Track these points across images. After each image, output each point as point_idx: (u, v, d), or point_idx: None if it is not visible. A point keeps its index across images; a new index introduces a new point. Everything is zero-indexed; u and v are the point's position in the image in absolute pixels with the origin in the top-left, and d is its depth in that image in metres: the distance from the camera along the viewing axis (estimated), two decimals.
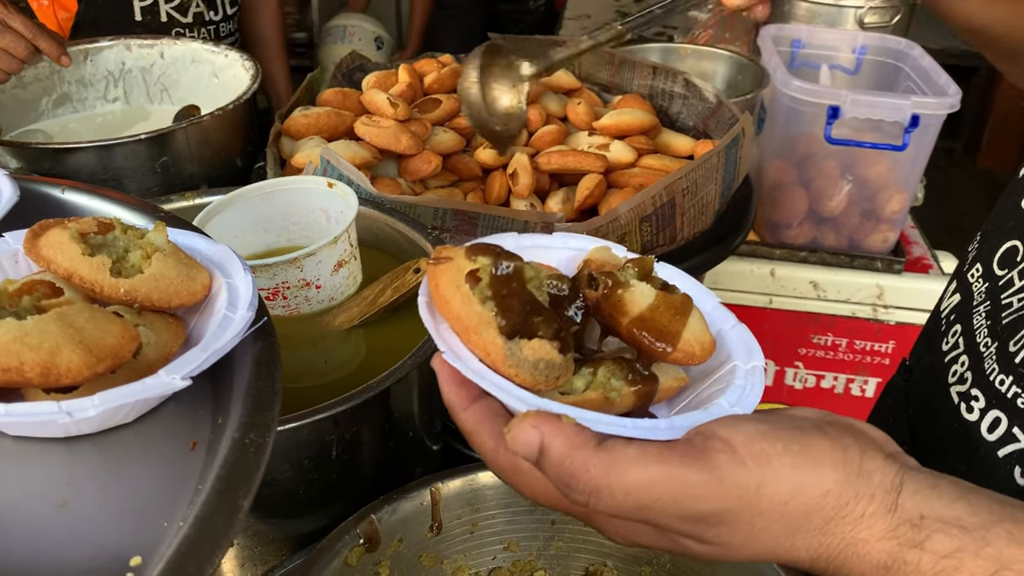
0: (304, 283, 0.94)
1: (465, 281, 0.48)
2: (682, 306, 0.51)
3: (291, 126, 1.43)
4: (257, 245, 1.04)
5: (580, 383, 0.49)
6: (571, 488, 0.43)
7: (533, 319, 0.47)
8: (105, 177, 1.26)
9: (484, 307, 0.47)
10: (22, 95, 1.49)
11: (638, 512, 0.44)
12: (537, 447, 0.43)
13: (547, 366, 0.46)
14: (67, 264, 0.52)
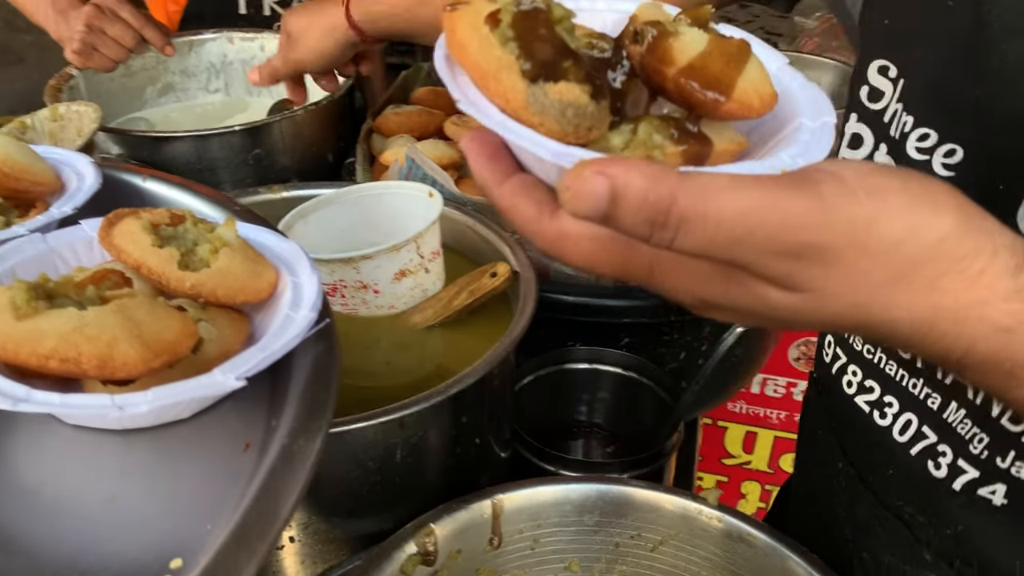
0: (361, 285, 0.93)
1: (484, 23, 0.42)
2: (738, 52, 0.43)
3: (382, 123, 1.44)
4: (360, 244, 1.03)
5: (618, 141, 0.42)
6: (655, 223, 0.36)
7: (561, 62, 0.40)
8: (200, 167, 1.28)
9: (504, 49, 0.41)
10: (129, 84, 1.54)
11: (729, 247, 0.37)
12: (607, 194, 0.36)
13: (576, 113, 0.40)
14: (137, 254, 0.52)
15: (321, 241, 1.02)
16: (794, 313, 0.40)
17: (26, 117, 1.22)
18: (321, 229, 1.02)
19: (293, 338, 0.48)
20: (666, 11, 0.47)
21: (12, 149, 0.62)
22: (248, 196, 1.08)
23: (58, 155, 0.67)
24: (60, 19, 1.40)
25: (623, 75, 0.44)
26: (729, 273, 0.40)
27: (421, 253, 0.93)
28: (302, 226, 1.00)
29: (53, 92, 1.35)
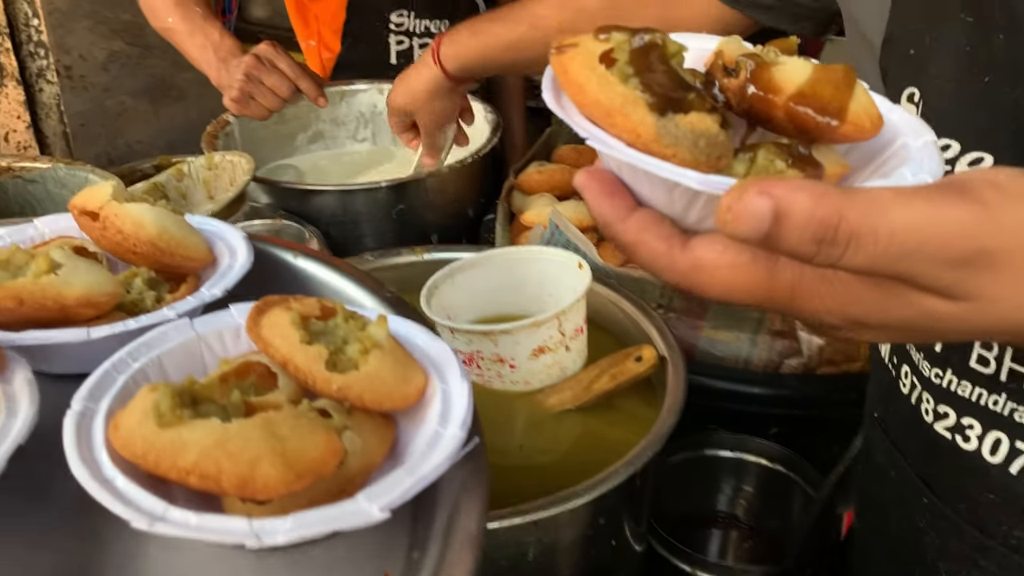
0: (497, 358, 0.89)
1: (600, 62, 0.42)
2: (845, 76, 0.43)
3: (524, 181, 1.41)
4: (506, 307, 1.00)
5: (740, 168, 0.42)
6: (823, 242, 0.35)
7: (685, 94, 0.41)
8: (344, 219, 1.29)
9: (627, 86, 0.41)
10: (281, 130, 1.58)
11: (898, 260, 0.36)
12: (770, 213, 0.35)
13: (708, 143, 0.40)
14: (284, 350, 0.49)
15: (467, 302, 0.99)
16: (957, 322, 0.39)
17: (183, 164, 1.26)
18: (467, 290, 0.99)
19: (442, 462, 0.44)
20: (747, 46, 0.47)
21: (169, 223, 0.61)
22: (391, 258, 1.06)
23: (212, 227, 0.66)
24: (221, 67, 1.45)
25: (721, 106, 0.44)
26: (887, 288, 0.39)
27: (563, 330, 0.89)
28: (449, 286, 0.98)
29: (210, 139, 1.39)
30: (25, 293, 0.52)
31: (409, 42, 1.76)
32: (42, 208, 1.06)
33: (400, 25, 1.72)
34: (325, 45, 1.76)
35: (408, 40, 1.75)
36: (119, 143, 2.39)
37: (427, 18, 1.73)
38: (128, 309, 0.58)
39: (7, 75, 2.14)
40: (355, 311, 0.54)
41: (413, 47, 1.77)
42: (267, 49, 1.41)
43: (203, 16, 1.42)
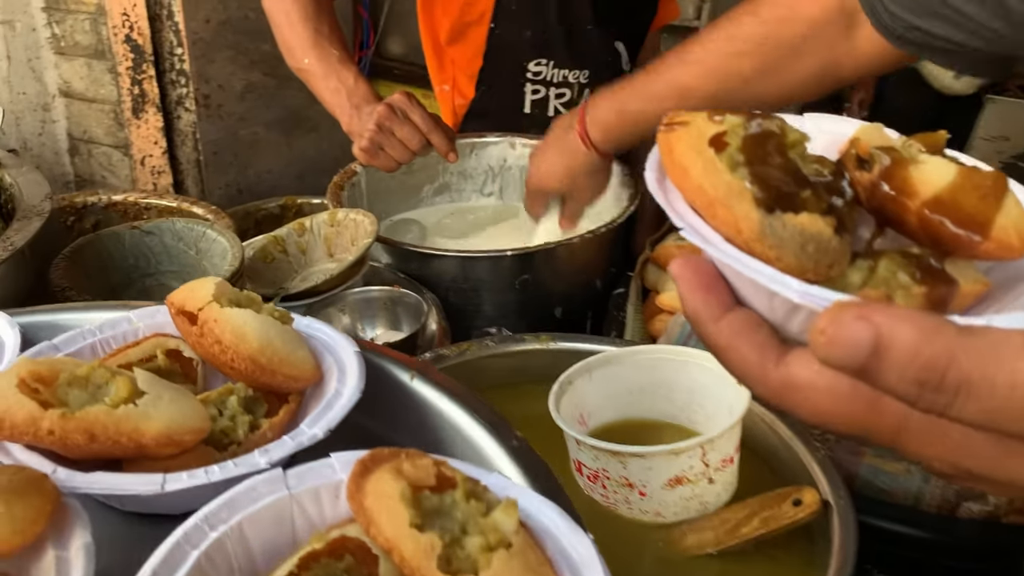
0: (626, 483, 0.78)
1: (709, 145, 0.38)
2: (994, 185, 0.38)
3: (661, 255, 1.30)
4: (648, 412, 0.89)
5: (856, 278, 0.38)
6: (927, 387, 0.31)
7: (799, 191, 0.37)
8: (465, 286, 1.20)
9: (734, 175, 0.37)
10: (408, 181, 1.51)
11: (1018, 420, 0.31)
12: (869, 343, 0.31)
13: (817, 248, 0.36)
14: (390, 533, 0.40)
15: (605, 402, 0.88)
16: None
17: (306, 220, 1.20)
18: (606, 389, 0.88)
19: None
20: (888, 135, 0.42)
21: (273, 334, 0.53)
22: (513, 344, 0.97)
23: (323, 336, 0.58)
24: (354, 113, 1.39)
25: (846, 203, 0.39)
26: (1009, 445, 0.34)
27: (707, 460, 0.76)
28: (584, 382, 0.87)
29: (335, 190, 1.33)
30: (98, 427, 0.44)
31: (545, 92, 1.67)
32: (156, 261, 1.01)
33: (538, 74, 1.64)
34: (459, 90, 1.70)
35: (544, 90, 1.67)
36: (249, 172, 2.41)
37: (567, 68, 1.64)
38: (216, 439, 0.50)
39: (148, 102, 2.18)
40: (477, 481, 0.43)
41: (549, 97, 1.68)
42: (401, 99, 1.35)
43: (339, 59, 1.37)
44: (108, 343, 0.57)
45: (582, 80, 1.66)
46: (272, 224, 1.68)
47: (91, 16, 2.17)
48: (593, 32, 1.61)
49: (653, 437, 0.88)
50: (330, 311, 1.06)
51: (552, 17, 1.58)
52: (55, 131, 2.36)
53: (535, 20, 1.57)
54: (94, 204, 1.35)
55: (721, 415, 0.82)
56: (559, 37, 1.60)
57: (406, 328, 1.08)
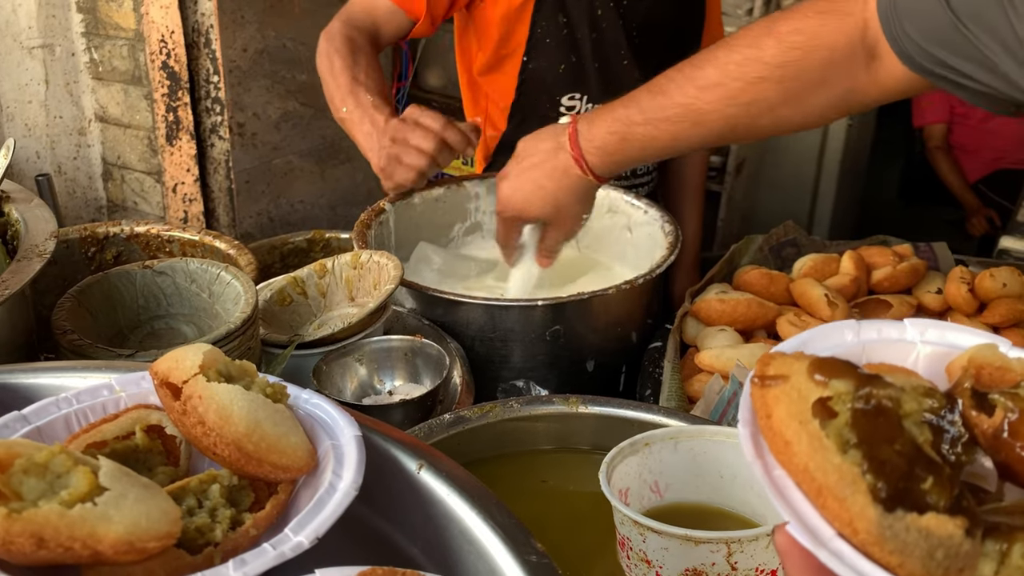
0: (643, 558, 0.71)
1: (814, 416, 0.34)
2: None
3: (702, 309, 1.22)
4: (700, 489, 0.82)
5: (987, 570, 0.32)
6: None
7: (922, 479, 0.33)
8: (493, 335, 1.14)
9: (845, 457, 0.33)
10: (438, 220, 1.46)
11: None
12: None
13: (947, 554, 0.31)
14: None
15: (688, 478, 0.82)
16: None
17: (328, 261, 1.15)
18: (692, 464, 0.81)
19: None
20: (1003, 354, 0.38)
21: (262, 415, 0.47)
22: (541, 406, 0.90)
23: (322, 415, 0.51)
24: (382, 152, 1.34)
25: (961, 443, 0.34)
26: None
27: (734, 563, 0.68)
28: (670, 451, 0.80)
29: (362, 229, 1.28)
30: (49, 530, 0.38)
31: None
32: (167, 302, 0.96)
33: (572, 108, 1.59)
34: (491, 123, 1.65)
35: None
36: (282, 201, 2.38)
37: (601, 103, 1.58)
38: (191, 537, 0.44)
39: (182, 129, 2.16)
40: None
41: None
42: (412, 110, 1.29)
43: (374, 104, 1.33)
44: (85, 414, 0.51)
45: None
46: (298, 258, 1.63)
47: (129, 42, 2.16)
48: (630, 66, 1.55)
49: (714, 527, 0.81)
50: (347, 360, 1.00)
51: (586, 51, 1.52)
52: (90, 156, 2.35)
53: (569, 53, 1.52)
54: (116, 235, 1.31)
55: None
56: (593, 71, 1.54)
57: (427, 381, 1.02)
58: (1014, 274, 1.23)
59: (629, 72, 1.57)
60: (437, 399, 0.99)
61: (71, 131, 2.29)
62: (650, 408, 0.89)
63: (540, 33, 1.50)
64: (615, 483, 0.77)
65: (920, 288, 1.29)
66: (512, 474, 0.89)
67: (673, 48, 1.64)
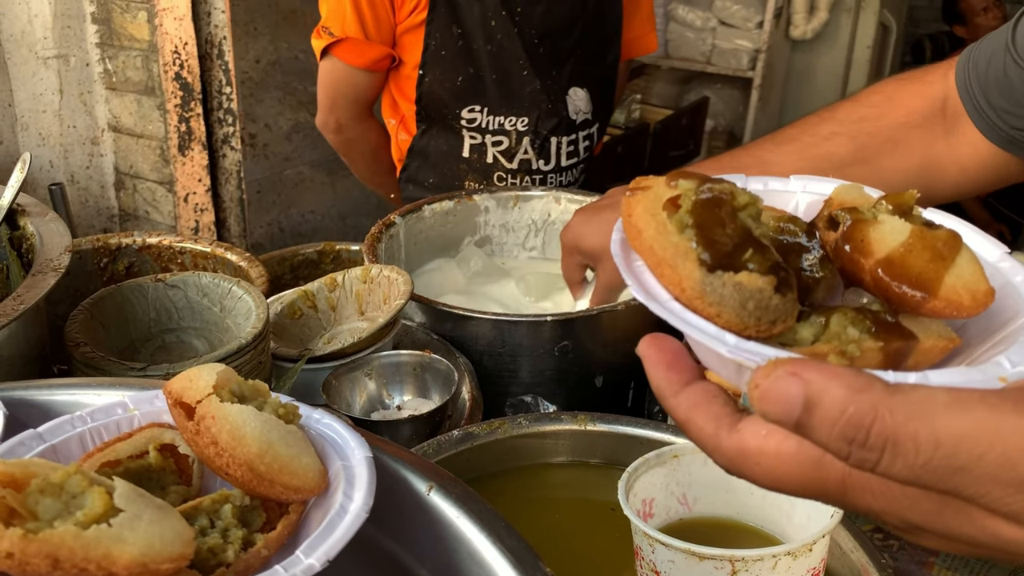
0: (653, 570, 0.71)
1: (663, 208, 0.41)
2: (945, 245, 0.40)
3: None
4: (763, 518, 0.82)
5: (807, 333, 0.39)
6: (854, 441, 0.32)
7: (743, 251, 0.39)
8: (502, 350, 1.14)
9: (682, 236, 0.39)
10: (448, 233, 1.47)
11: (949, 477, 0.32)
12: (801, 399, 0.32)
13: (758, 305, 0.38)
14: None
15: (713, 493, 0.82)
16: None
17: (338, 275, 1.16)
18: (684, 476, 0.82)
19: None
20: (867, 194, 0.44)
21: (275, 436, 0.47)
22: (549, 424, 0.90)
23: (334, 435, 0.52)
24: None
25: (817, 261, 0.42)
26: (946, 501, 0.34)
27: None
28: (700, 463, 0.81)
29: (372, 242, 1.28)
30: (64, 551, 0.38)
31: (482, 138, 1.63)
32: (179, 316, 0.97)
33: (472, 121, 1.60)
34: (405, 127, 1.67)
35: (481, 136, 1.62)
36: (292, 212, 2.39)
37: (501, 115, 1.60)
38: (203, 559, 0.44)
39: (195, 139, 2.18)
40: None
41: (486, 144, 1.64)
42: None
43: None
44: (99, 433, 0.52)
45: (520, 127, 1.62)
46: (309, 269, 1.64)
47: (143, 53, 2.18)
48: (530, 76, 1.56)
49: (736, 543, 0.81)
50: (356, 375, 1.01)
51: (484, 62, 1.54)
52: (102, 165, 2.37)
53: (466, 66, 1.54)
54: (128, 246, 1.32)
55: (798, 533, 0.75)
56: (491, 82, 1.55)
57: (436, 397, 1.02)
58: None
59: (529, 82, 1.57)
60: (446, 415, 1.00)
61: (84, 140, 2.31)
62: (659, 426, 0.89)
63: (435, 46, 1.52)
64: (638, 493, 0.78)
65: None
66: (523, 487, 0.89)
67: (585, 54, 1.65)
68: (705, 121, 3.41)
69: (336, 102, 1.64)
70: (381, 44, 1.56)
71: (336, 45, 1.55)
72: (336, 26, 1.55)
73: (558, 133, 1.64)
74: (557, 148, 1.67)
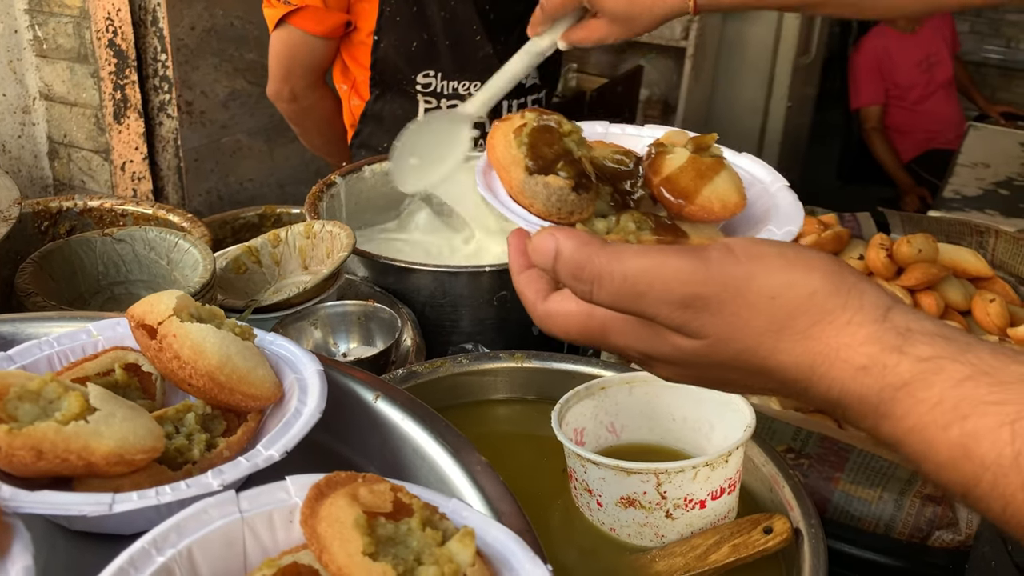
0: (586, 488, 0.79)
1: (514, 135, 0.55)
2: (707, 168, 0.55)
3: None
4: (686, 443, 0.88)
5: (601, 226, 0.54)
6: (577, 278, 0.46)
7: (557, 163, 0.53)
8: (443, 302, 1.19)
9: (519, 150, 0.54)
10: (390, 193, 1.50)
11: (634, 301, 0.45)
12: (553, 251, 0.46)
13: (559, 199, 0.52)
14: (342, 561, 0.39)
15: (641, 421, 0.89)
16: (701, 358, 0.47)
17: (281, 231, 1.19)
18: (646, 407, 0.88)
19: None
20: (687, 136, 0.58)
21: (233, 351, 0.52)
22: (487, 362, 0.96)
23: (286, 353, 0.57)
24: None
25: (639, 183, 0.57)
26: (649, 326, 0.48)
27: (663, 492, 0.75)
28: (625, 394, 0.87)
29: (313, 201, 1.32)
30: (47, 444, 0.43)
31: (437, 103, 1.67)
32: (127, 269, 1.00)
33: (427, 86, 1.64)
34: (357, 92, 1.69)
35: (436, 101, 1.66)
36: (231, 180, 2.39)
37: (455, 80, 1.64)
38: (171, 456, 0.49)
39: (130, 107, 2.16)
40: (435, 509, 0.42)
41: (441, 108, 1.68)
42: None
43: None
44: (65, 355, 0.55)
45: (473, 92, 1.66)
46: (250, 233, 1.66)
47: (74, 20, 2.15)
48: (482, 41, 1.60)
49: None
50: (302, 325, 1.05)
51: (438, 28, 1.57)
52: (35, 134, 2.33)
53: (421, 31, 1.57)
54: (69, 209, 1.33)
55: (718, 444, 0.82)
56: (445, 48, 1.59)
57: (380, 343, 1.07)
58: (928, 240, 1.32)
59: (482, 47, 1.62)
60: (390, 359, 1.04)
61: (15, 109, 2.27)
62: (589, 361, 0.95)
63: (389, 12, 1.55)
64: (569, 423, 0.84)
65: (844, 254, 1.37)
66: (465, 423, 0.94)
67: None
68: (640, 89, 3.48)
69: (292, 71, 1.64)
70: (339, 11, 1.57)
71: (294, 14, 1.56)
72: None
73: (509, 97, 1.68)
74: (508, 112, 1.72)
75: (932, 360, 0.41)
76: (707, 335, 0.45)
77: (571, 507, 0.83)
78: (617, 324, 0.49)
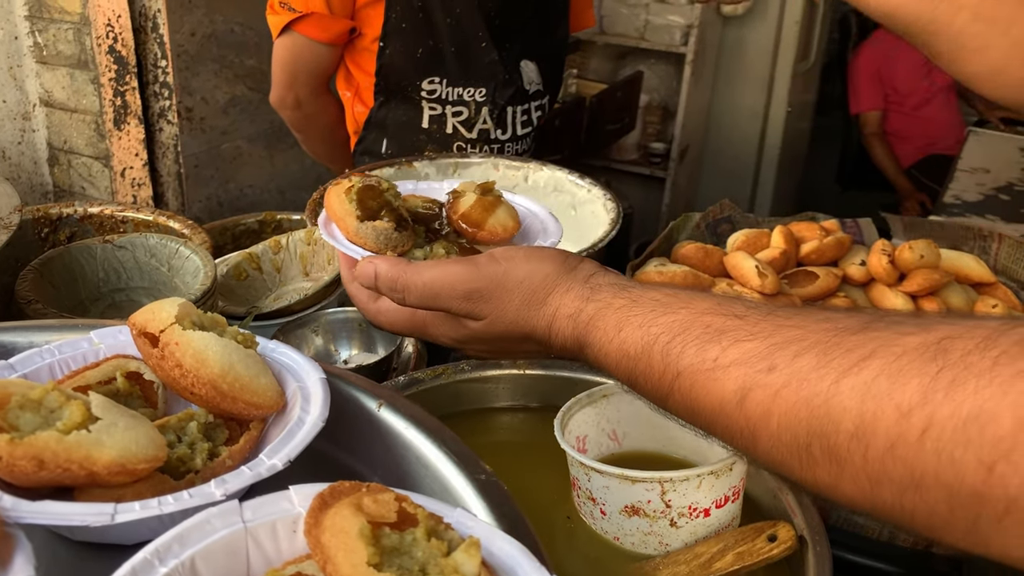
0: (589, 496, 0.78)
1: (343, 192, 0.69)
2: (490, 204, 0.72)
3: (641, 280, 1.29)
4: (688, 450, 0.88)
5: (420, 253, 0.68)
6: (392, 289, 0.63)
7: (381, 212, 0.67)
8: None
9: (350, 205, 0.68)
10: None
11: (433, 300, 0.62)
12: (372, 273, 0.64)
13: (385, 238, 0.66)
14: (346, 571, 0.38)
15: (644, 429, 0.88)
16: (488, 334, 0.64)
17: (282, 237, 1.19)
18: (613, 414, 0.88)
19: None
20: (474, 184, 0.74)
21: (236, 359, 0.51)
22: (490, 369, 0.95)
23: (289, 361, 0.56)
24: None
25: (444, 223, 0.73)
26: (451, 318, 0.65)
27: (667, 500, 0.75)
28: (628, 401, 0.87)
29: (314, 207, 1.31)
30: (48, 453, 0.42)
31: (441, 109, 1.67)
32: (128, 276, 0.99)
33: (432, 92, 1.64)
34: (360, 99, 1.69)
35: (440, 107, 1.66)
36: (231, 186, 2.39)
37: (460, 86, 1.64)
38: (173, 466, 0.48)
39: (130, 113, 2.16)
40: (440, 519, 0.42)
41: (446, 114, 1.68)
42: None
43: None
44: (67, 363, 0.55)
45: (478, 98, 1.66)
46: (250, 239, 1.66)
47: (75, 26, 2.15)
48: (488, 48, 1.60)
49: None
50: (303, 331, 1.05)
51: (443, 35, 1.57)
52: (35, 140, 2.33)
53: (426, 38, 1.57)
54: (69, 216, 1.33)
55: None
56: (451, 55, 1.59)
57: (381, 350, 1.07)
58: (930, 246, 1.31)
59: (487, 53, 1.62)
60: (391, 366, 1.04)
61: (15, 115, 2.27)
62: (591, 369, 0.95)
63: (395, 19, 1.55)
64: (572, 431, 0.84)
65: (845, 260, 1.37)
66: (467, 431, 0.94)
67: (537, 27, 1.70)
68: (640, 95, 3.48)
69: (297, 78, 1.64)
70: (344, 18, 1.57)
71: (300, 21, 1.56)
72: (299, 2, 1.56)
73: (514, 103, 1.68)
74: (513, 117, 1.71)
75: (606, 301, 0.58)
76: (485, 316, 0.62)
77: (575, 516, 0.83)
78: (430, 319, 0.66)
